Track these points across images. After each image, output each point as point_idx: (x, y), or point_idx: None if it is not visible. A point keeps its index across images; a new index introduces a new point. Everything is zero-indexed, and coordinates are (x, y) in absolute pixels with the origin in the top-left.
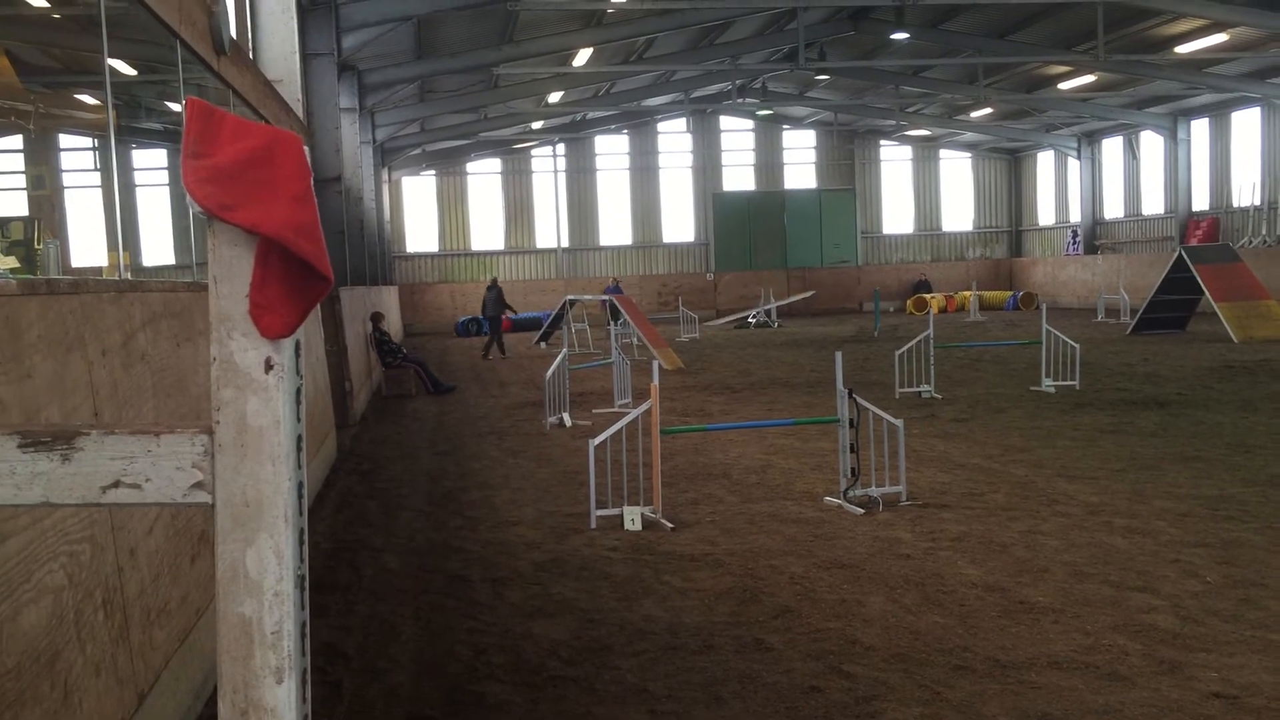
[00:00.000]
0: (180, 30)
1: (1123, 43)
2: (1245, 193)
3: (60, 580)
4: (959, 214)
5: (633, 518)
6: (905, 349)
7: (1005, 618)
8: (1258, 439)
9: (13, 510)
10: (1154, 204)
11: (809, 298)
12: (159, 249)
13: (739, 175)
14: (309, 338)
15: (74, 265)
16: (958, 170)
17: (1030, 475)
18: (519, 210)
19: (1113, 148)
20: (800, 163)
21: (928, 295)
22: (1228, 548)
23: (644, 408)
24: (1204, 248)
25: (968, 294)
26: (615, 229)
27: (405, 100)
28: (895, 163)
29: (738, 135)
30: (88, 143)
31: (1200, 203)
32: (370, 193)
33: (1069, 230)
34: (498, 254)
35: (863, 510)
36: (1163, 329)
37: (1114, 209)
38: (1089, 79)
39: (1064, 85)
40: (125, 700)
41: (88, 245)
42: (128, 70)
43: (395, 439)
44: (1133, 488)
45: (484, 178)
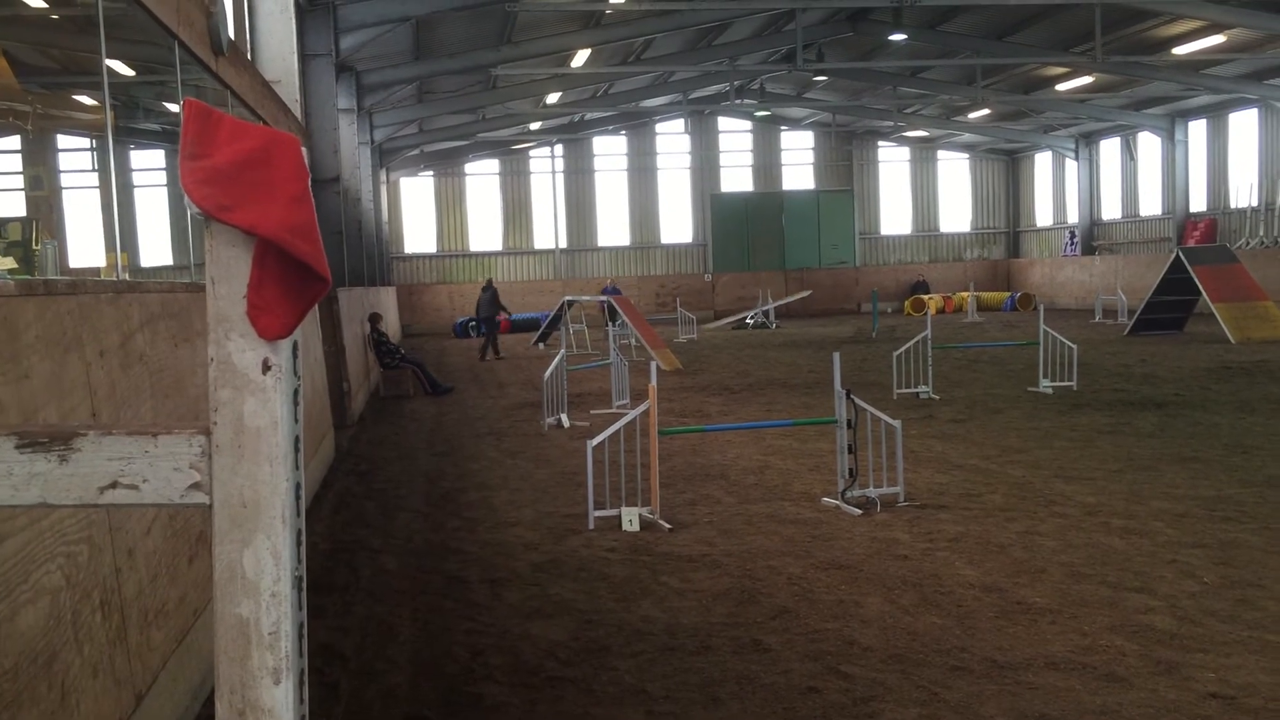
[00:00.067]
0: (178, 31)
1: (1120, 44)
2: (1243, 194)
3: (58, 581)
4: (957, 215)
5: (630, 519)
6: (903, 350)
7: (1003, 618)
8: (1255, 440)
9: (10, 511)
10: (1151, 205)
11: (806, 298)
12: (157, 250)
13: (737, 176)
14: (307, 338)
15: (72, 266)
16: (955, 171)
17: (1028, 476)
18: (517, 211)
19: (1110, 149)
20: (798, 164)
21: (925, 296)
22: (1225, 548)
23: (642, 409)
24: (1201, 249)
25: (965, 295)
26: (613, 230)
27: (403, 101)
28: (893, 164)
29: (736, 136)
30: (86, 143)
31: (1198, 204)
32: (368, 193)
33: (1067, 231)
34: (496, 255)
35: (860, 511)
36: (1160, 330)
37: (1111, 210)
38: (1087, 80)
39: (1062, 86)
40: (123, 701)
41: (86, 246)
42: (126, 71)
43: (393, 440)
44: (1130, 488)
45: (482, 178)
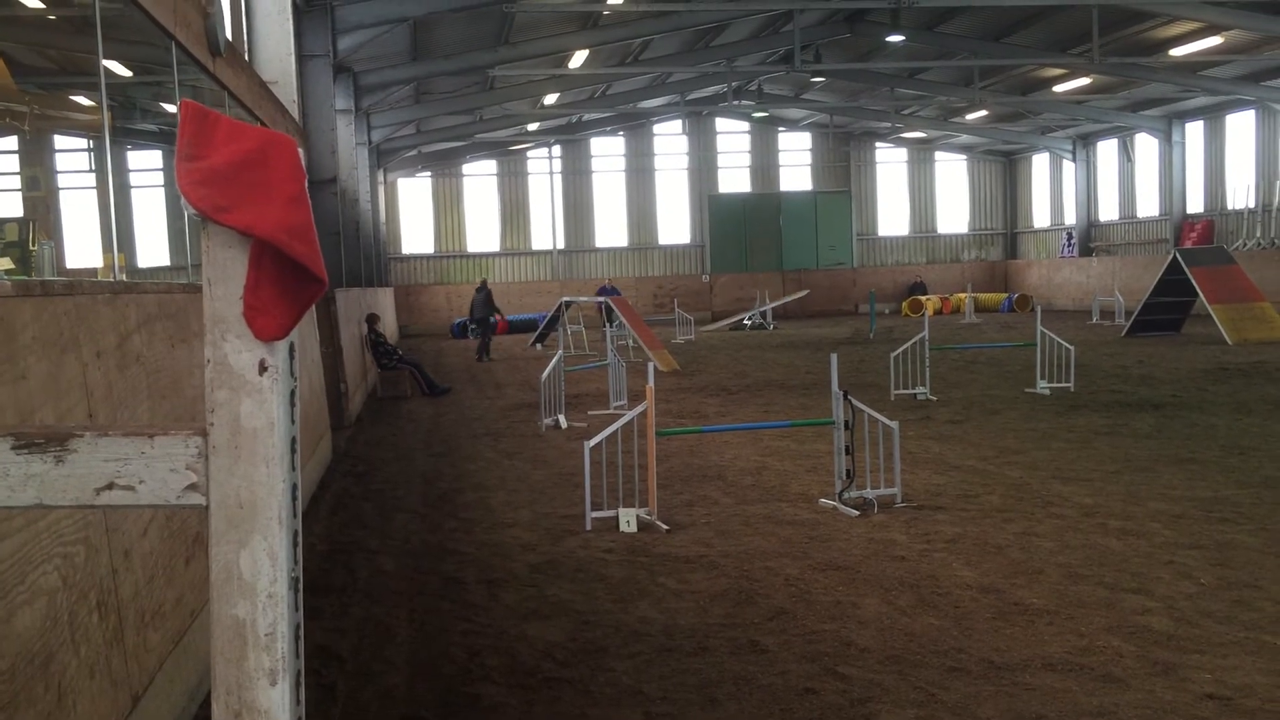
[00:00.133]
0: (175, 32)
1: (1118, 45)
2: (1240, 195)
3: (54, 582)
4: (954, 216)
5: (628, 519)
6: (900, 351)
7: (1000, 619)
8: (1252, 441)
9: (6, 512)
10: (1149, 206)
11: (803, 298)
12: (154, 250)
13: (734, 177)
14: (304, 339)
15: (69, 267)
16: (953, 172)
17: (1025, 477)
18: (514, 212)
19: (1108, 150)
20: (796, 165)
21: (923, 297)
22: (1222, 549)
23: (639, 409)
24: (1199, 250)
25: (963, 296)
26: (611, 231)
27: (401, 102)
28: (890, 165)
29: (733, 137)
30: (82, 144)
31: (1195, 205)
32: (366, 194)
33: (1064, 232)
34: (493, 255)
35: (858, 512)
36: (1157, 331)
37: (1109, 211)
38: (1084, 81)
39: (1059, 88)
40: (119, 702)
41: (83, 247)
42: (123, 71)
43: (390, 441)
44: (1127, 490)
45: (480, 179)
